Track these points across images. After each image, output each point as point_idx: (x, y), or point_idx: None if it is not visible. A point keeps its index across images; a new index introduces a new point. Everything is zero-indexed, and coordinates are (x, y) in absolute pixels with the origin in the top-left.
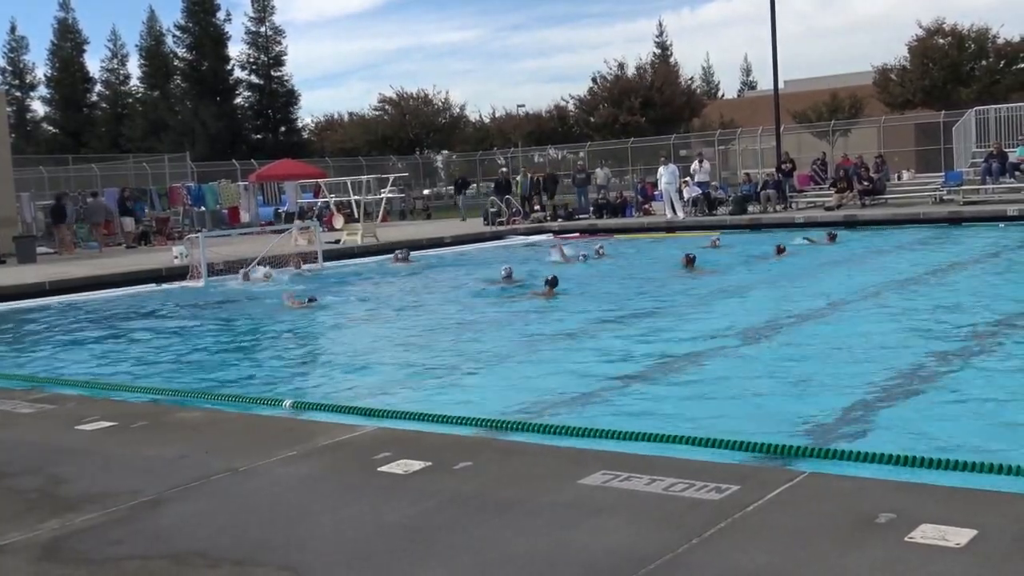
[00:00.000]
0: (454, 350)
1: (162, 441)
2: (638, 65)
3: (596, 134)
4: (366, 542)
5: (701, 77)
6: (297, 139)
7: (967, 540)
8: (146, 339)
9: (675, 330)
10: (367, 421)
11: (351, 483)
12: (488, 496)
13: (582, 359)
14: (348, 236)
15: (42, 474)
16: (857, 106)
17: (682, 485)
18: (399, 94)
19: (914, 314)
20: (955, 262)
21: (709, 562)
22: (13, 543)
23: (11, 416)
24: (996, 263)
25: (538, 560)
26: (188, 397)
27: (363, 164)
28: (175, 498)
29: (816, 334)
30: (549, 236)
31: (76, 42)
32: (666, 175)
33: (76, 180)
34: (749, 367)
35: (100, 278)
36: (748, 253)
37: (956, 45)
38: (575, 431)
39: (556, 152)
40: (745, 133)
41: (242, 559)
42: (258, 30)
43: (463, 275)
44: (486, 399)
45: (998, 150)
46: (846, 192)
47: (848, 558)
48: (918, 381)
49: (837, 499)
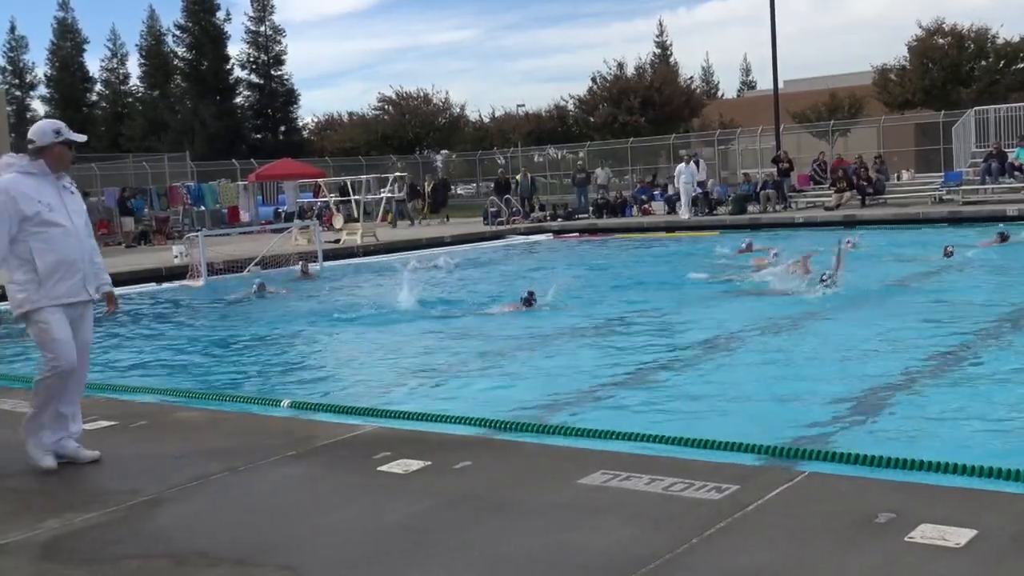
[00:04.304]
0: (454, 350)
1: (162, 441)
2: (637, 65)
3: (596, 134)
4: (366, 542)
5: (701, 77)
6: (297, 139)
7: (967, 540)
8: (145, 339)
9: (678, 330)
10: (367, 421)
11: (350, 483)
12: (488, 496)
13: (582, 359)
14: (348, 236)
15: (42, 474)
16: (857, 106)
17: (681, 485)
18: (398, 94)
19: (913, 315)
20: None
21: (709, 562)
22: (13, 542)
23: (11, 416)
24: (993, 268)
25: (538, 560)
26: (188, 397)
27: (363, 164)
28: (175, 498)
29: (816, 334)
30: (549, 236)
31: (76, 42)
32: (686, 173)
33: (76, 179)
34: (749, 367)
35: None
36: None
37: (956, 45)
38: (574, 431)
39: (556, 152)
40: (745, 133)
41: (242, 559)
42: (258, 29)
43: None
44: (486, 399)
45: (997, 150)
46: (845, 192)
47: (848, 558)
48: (918, 381)
49: (837, 499)
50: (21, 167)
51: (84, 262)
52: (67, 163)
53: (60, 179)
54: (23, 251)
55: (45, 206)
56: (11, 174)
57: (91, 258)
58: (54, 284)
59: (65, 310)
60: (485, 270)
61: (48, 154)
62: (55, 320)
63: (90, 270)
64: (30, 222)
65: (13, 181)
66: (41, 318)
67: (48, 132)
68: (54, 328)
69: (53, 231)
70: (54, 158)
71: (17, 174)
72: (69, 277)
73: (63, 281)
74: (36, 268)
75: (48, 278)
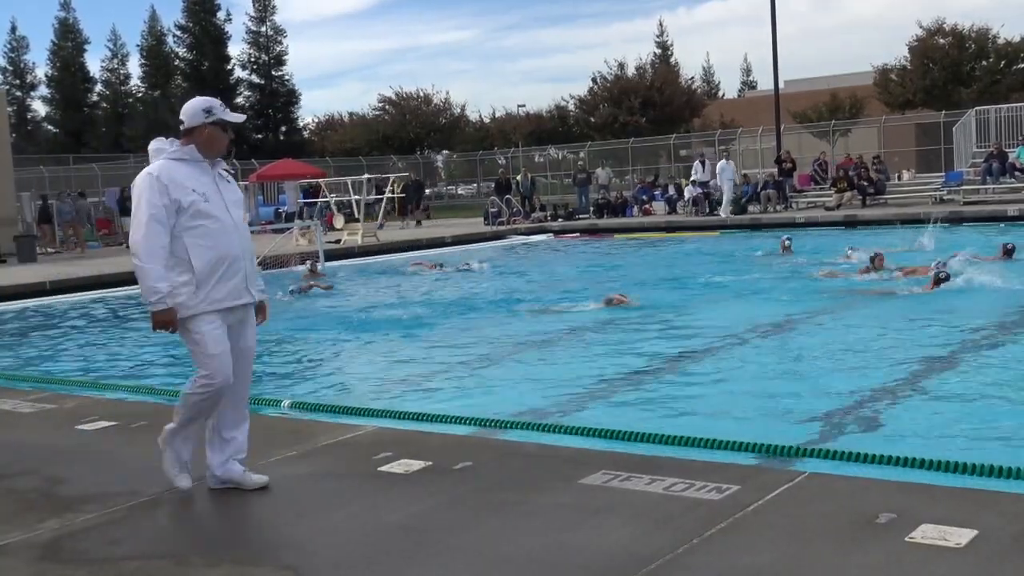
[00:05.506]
0: (454, 350)
1: None
2: (638, 65)
3: (596, 134)
4: (366, 542)
5: (701, 77)
6: (298, 139)
7: (968, 540)
8: (146, 339)
9: (681, 329)
10: (367, 421)
11: (351, 483)
12: (488, 496)
13: (582, 359)
14: (348, 236)
15: (42, 474)
16: (857, 106)
17: (682, 485)
18: (399, 94)
19: (914, 315)
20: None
21: (709, 562)
22: (13, 543)
23: (11, 416)
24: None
25: (538, 560)
26: None
27: (364, 164)
28: (175, 498)
29: (816, 335)
30: (550, 236)
31: (77, 42)
32: (727, 170)
33: (77, 180)
34: (750, 367)
35: (100, 278)
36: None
37: (956, 45)
38: (575, 431)
39: (556, 152)
40: (745, 133)
41: (242, 559)
42: (259, 30)
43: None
44: (486, 399)
45: (998, 150)
46: (846, 192)
47: (849, 558)
48: (920, 381)
49: (838, 499)
50: (171, 152)
51: (245, 260)
52: (221, 148)
53: (215, 166)
54: (177, 248)
55: (200, 196)
56: (161, 160)
57: (251, 256)
58: (214, 286)
59: (223, 315)
60: (515, 270)
61: (198, 137)
62: (212, 330)
63: (251, 269)
64: (184, 214)
65: (164, 167)
66: (197, 327)
67: (197, 111)
68: (210, 340)
69: (210, 225)
70: (204, 142)
71: (168, 160)
72: (230, 277)
73: (223, 282)
74: (192, 268)
75: (207, 279)
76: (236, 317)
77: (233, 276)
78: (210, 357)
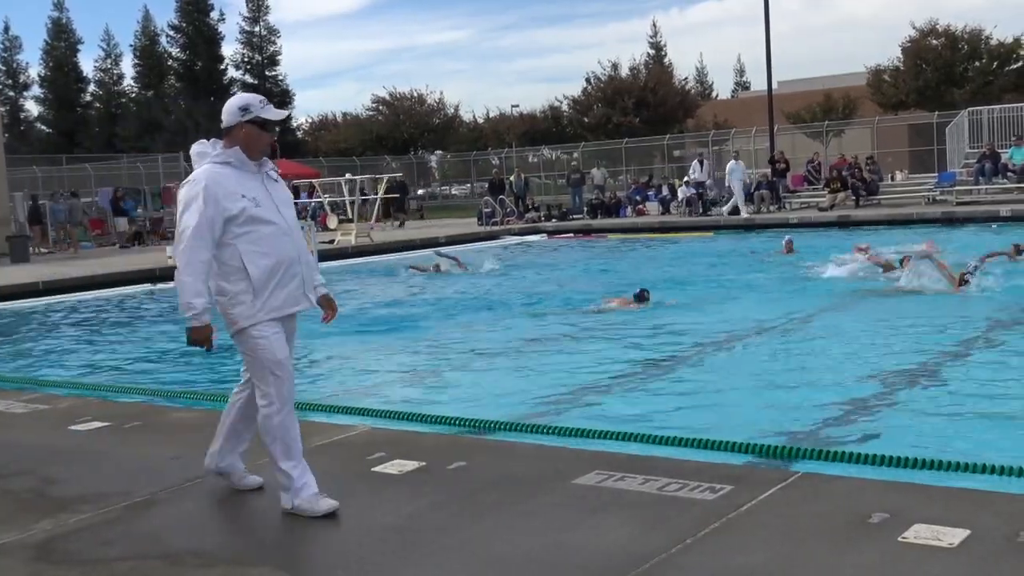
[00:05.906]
0: (447, 350)
1: (155, 442)
2: (632, 66)
3: (590, 134)
4: (360, 542)
5: (695, 77)
6: (291, 139)
7: (960, 540)
8: (139, 339)
9: (676, 329)
10: (361, 421)
11: (345, 483)
12: (482, 496)
13: (577, 359)
14: (342, 236)
15: (35, 475)
16: (851, 107)
17: (676, 485)
18: (392, 94)
19: (908, 316)
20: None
21: (703, 562)
22: (6, 544)
23: (4, 416)
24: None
25: (533, 560)
26: (181, 397)
27: (358, 164)
28: (169, 499)
29: (809, 335)
30: (543, 236)
31: (70, 42)
32: (737, 171)
33: (70, 180)
34: (745, 367)
35: (94, 278)
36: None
37: (949, 46)
38: (569, 431)
39: (550, 152)
40: (739, 134)
41: (236, 559)
42: (252, 30)
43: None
44: (481, 400)
45: (991, 151)
46: (839, 192)
47: (842, 558)
48: (913, 381)
49: (831, 499)
50: (215, 156)
51: (300, 263)
52: (262, 147)
53: (262, 167)
54: (231, 256)
55: (251, 201)
56: (206, 164)
57: (305, 257)
58: (271, 293)
59: (283, 322)
60: (510, 271)
61: (236, 137)
62: (275, 337)
63: (307, 272)
64: (235, 221)
65: (211, 174)
66: (259, 333)
67: (233, 110)
68: (277, 344)
69: (263, 229)
70: (244, 142)
71: (213, 164)
72: (287, 283)
73: (280, 288)
74: (248, 275)
75: (264, 286)
76: (291, 325)
77: (290, 281)
78: (279, 364)
